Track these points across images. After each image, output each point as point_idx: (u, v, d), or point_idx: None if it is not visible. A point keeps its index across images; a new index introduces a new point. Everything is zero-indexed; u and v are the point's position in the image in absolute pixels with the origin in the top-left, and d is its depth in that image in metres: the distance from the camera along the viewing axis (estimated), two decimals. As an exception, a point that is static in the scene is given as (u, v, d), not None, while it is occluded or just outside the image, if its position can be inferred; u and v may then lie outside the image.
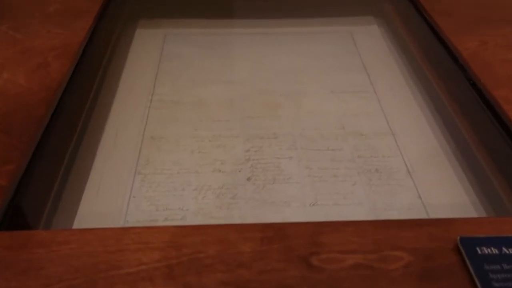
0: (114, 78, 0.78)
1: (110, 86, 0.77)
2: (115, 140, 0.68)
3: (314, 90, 0.80)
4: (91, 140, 0.66)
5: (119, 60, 0.82)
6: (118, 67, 0.81)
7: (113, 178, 0.62)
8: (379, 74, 0.83)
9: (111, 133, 0.69)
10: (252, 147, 0.68)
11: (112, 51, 0.81)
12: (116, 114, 0.73)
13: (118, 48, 0.84)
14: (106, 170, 0.63)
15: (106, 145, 0.67)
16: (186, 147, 0.68)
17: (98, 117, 0.71)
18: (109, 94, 0.75)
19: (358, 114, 0.74)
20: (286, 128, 0.71)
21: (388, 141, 0.69)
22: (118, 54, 0.83)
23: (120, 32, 0.88)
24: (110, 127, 0.70)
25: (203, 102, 0.76)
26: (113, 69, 0.80)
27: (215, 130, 0.71)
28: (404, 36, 0.91)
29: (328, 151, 0.67)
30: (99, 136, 0.68)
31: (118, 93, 0.77)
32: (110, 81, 0.77)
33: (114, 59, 0.81)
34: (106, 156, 0.65)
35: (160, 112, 0.74)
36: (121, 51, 0.85)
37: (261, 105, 0.76)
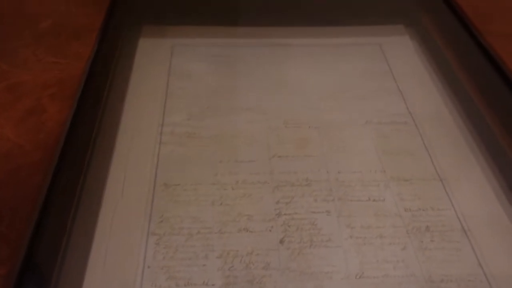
0: (117, 109, 0.68)
1: (113, 119, 0.66)
2: (122, 191, 0.58)
3: (346, 119, 0.70)
4: (93, 198, 0.57)
5: (122, 84, 0.71)
6: (120, 93, 0.70)
7: (121, 241, 0.53)
8: (416, 99, 0.74)
9: (116, 183, 0.59)
10: (282, 197, 0.59)
11: (114, 74, 0.70)
12: (121, 155, 0.62)
13: (120, 68, 0.73)
14: (113, 231, 0.54)
15: (111, 199, 0.57)
16: (206, 197, 0.58)
17: (100, 165, 0.60)
18: (113, 130, 0.65)
19: (399, 152, 0.65)
20: (320, 172, 0.62)
21: (436, 188, 0.61)
22: (121, 76, 0.72)
23: (122, 46, 0.76)
24: (116, 175, 0.60)
25: (222, 136, 0.66)
26: (116, 97, 0.69)
27: (239, 174, 0.61)
28: (442, 51, 0.81)
29: (370, 201, 0.59)
30: (102, 190, 0.58)
31: (121, 126, 0.66)
32: (112, 114, 0.67)
33: (116, 83, 0.70)
34: (111, 214, 0.56)
35: (173, 149, 0.64)
36: (124, 72, 0.73)
37: (289, 140, 0.66)
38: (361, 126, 0.69)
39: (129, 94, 0.71)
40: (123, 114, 0.68)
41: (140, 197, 0.58)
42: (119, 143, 0.64)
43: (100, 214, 0.55)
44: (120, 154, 0.62)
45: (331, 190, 0.60)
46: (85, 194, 0.57)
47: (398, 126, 0.69)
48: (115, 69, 0.70)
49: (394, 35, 0.88)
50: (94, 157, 0.61)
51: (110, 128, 0.65)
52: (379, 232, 0.55)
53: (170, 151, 0.64)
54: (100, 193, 0.57)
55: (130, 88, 0.72)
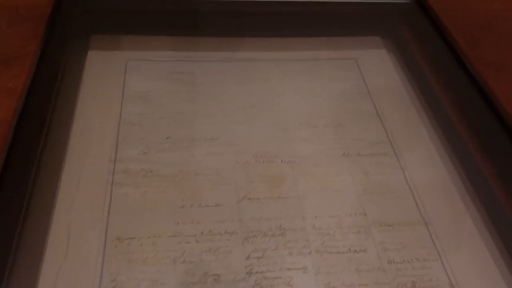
0: (60, 145, 0.58)
1: (55, 158, 0.57)
2: (65, 250, 0.49)
3: (322, 151, 0.63)
4: (31, 261, 0.48)
5: (66, 114, 0.62)
6: (65, 126, 0.60)
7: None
8: (396, 124, 0.68)
9: (59, 240, 0.50)
10: (254, 250, 0.52)
11: (56, 102, 0.60)
12: (65, 204, 0.53)
13: (64, 92, 0.63)
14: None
15: (52, 261, 0.48)
16: (167, 253, 0.51)
17: (39, 217, 0.51)
18: (54, 172, 0.56)
19: (380, 192, 0.59)
20: (295, 218, 0.55)
21: (422, 235, 0.56)
22: (65, 103, 0.62)
23: (67, 64, 0.66)
24: (58, 229, 0.51)
25: (183, 174, 0.58)
26: (59, 130, 0.59)
27: (204, 223, 0.54)
28: (421, 65, 0.75)
29: (351, 253, 0.53)
30: (41, 250, 0.49)
31: (66, 166, 0.57)
32: (54, 152, 0.57)
33: (58, 113, 0.60)
34: (53, 280, 0.47)
35: (127, 192, 0.55)
36: (69, 97, 0.63)
37: (260, 178, 0.59)
38: (339, 159, 0.63)
39: (75, 124, 0.61)
40: (67, 151, 0.58)
41: (88, 256, 0.49)
42: (63, 188, 0.55)
43: (39, 283, 0.47)
44: (63, 203, 0.53)
45: (307, 241, 0.53)
46: (20, 257, 0.48)
47: (378, 158, 0.63)
48: (57, 96, 0.60)
49: (371, 48, 0.81)
50: (32, 207, 0.52)
51: (52, 169, 0.55)
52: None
53: (123, 195, 0.55)
54: (39, 254, 0.49)
55: (77, 118, 0.62)
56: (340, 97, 0.72)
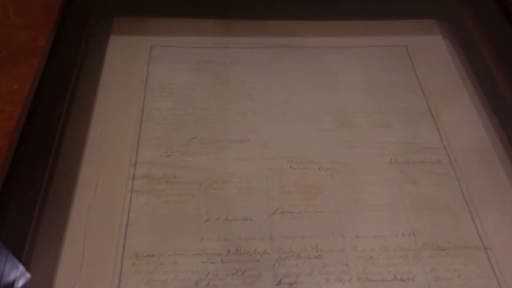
0: (76, 148, 0.53)
1: (71, 163, 0.52)
2: (80, 267, 0.45)
3: (366, 157, 0.56)
4: (44, 275, 0.44)
5: (84, 109, 0.56)
6: (82, 123, 0.55)
7: None
8: (452, 126, 0.60)
9: (74, 255, 0.46)
10: (286, 275, 0.46)
11: (74, 96, 0.54)
12: (80, 214, 0.49)
13: (83, 84, 0.58)
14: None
15: (66, 278, 0.44)
16: (189, 275, 0.46)
17: (52, 230, 0.47)
18: (70, 178, 0.51)
19: (432, 207, 0.52)
20: (333, 236, 0.49)
21: (480, 261, 0.48)
22: (83, 96, 0.57)
23: (86, 51, 0.60)
24: (73, 243, 0.47)
25: (210, 181, 0.53)
26: (75, 129, 0.54)
27: (231, 240, 0.48)
28: (484, 55, 0.66)
29: (396, 281, 0.46)
30: (53, 269, 0.45)
31: (83, 168, 0.52)
32: (71, 156, 0.53)
33: (76, 108, 0.55)
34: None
35: (148, 201, 0.50)
36: (88, 89, 0.58)
37: (295, 188, 0.53)
38: (385, 167, 0.55)
39: (94, 122, 0.56)
40: (84, 153, 0.53)
41: (104, 275, 0.45)
42: (78, 195, 0.50)
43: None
44: (79, 212, 0.49)
45: (347, 265, 0.47)
46: (33, 272, 0.44)
47: (430, 167, 0.55)
48: (74, 89, 0.55)
49: (424, 33, 0.72)
50: (44, 217, 0.48)
51: (67, 175, 0.51)
52: (408, 329, 0.43)
53: (143, 204, 0.50)
54: (52, 270, 0.45)
55: (95, 115, 0.57)
56: (387, 92, 0.63)
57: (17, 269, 0.44)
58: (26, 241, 0.45)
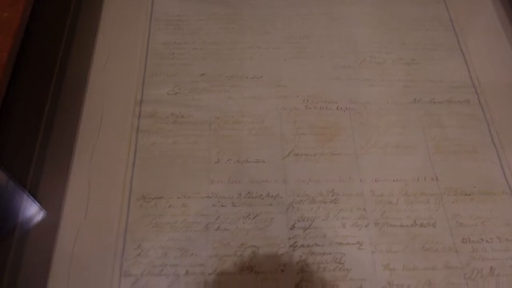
0: (78, 82, 0.50)
1: (73, 98, 0.49)
2: (85, 210, 0.43)
3: (387, 96, 0.52)
4: (48, 224, 0.42)
5: (84, 41, 0.53)
6: (83, 55, 0.52)
7: (85, 286, 0.40)
8: (485, 64, 0.55)
9: (79, 198, 0.44)
10: (299, 219, 0.44)
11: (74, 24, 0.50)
12: (84, 154, 0.46)
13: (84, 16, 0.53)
14: (73, 271, 0.40)
15: (71, 221, 0.43)
16: (198, 218, 0.44)
17: (55, 171, 0.45)
18: (73, 115, 0.48)
19: (458, 150, 0.49)
20: (351, 180, 0.46)
21: (507, 208, 0.45)
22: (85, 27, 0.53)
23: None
24: (77, 185, 0.45)
25: (220, 121, 0.49)
26: (77, 63, 0.51)
27: (242, 182, 0.46)
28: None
29: (416, 227, 0.44)
30: (58, 210, 0.43)
31: (85, 107, 0.49)
32: (71, 90, 0.49)
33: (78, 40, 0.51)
34: (71, 245, 0.42)
35: (155, 141, 0.48)
36: (88, 21, 0.54)
37: (311, 129, 0.49)
38: (407, 107, 0.51)
39: (96, 58, 0.52)
40: (87, 91, 0.50)
41: (110, 217, 0.43)
42: (81, 135, 0.47)
43: (56, 245, 0.42)
44: (82, 152, 0.46)
45: (365, 210, 0.45)
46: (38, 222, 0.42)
47: (457, 107, 0.51)
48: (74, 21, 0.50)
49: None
50: (50, 155, 0.45)
51: (68, 114, 0.48)
52: (427, 276, 0.41)
53: (150, 144, 0.48)
54: (57, 214, 0.43)
55: (97, 49, 0.53)
56: (414, 26, 0.58)
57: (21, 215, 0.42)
58: (27, 184, 0.43)
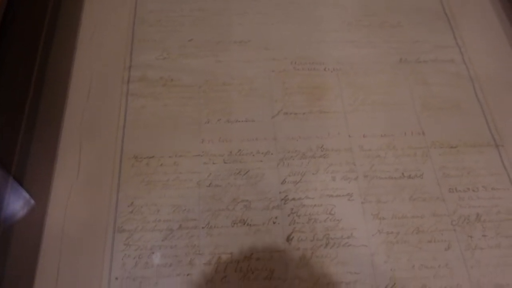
0: (66, 48, 0.50)
1: (62, 63, 0.49)
2: (77, 170, 0.44)
3: (374, 57, 0.53)
4: (39, 181, 0.42)
5: (72, 10, 0.53)
6: (72, 23, 0.52)
7: (79, 243, 0.40)
8: (469, 25, 0.56)
9: (70, 158, 0.44)
10: (290, 173, 0.45)
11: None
12: (74, 117, 0.47)
13: None
14: (68, 228, 0.41)
15: (63, 180, 0.43)
16: (190, 176, 0.44)
17: (46, 132, 0.45)
18: (62, 78, 0.48)
19: (443, 106, 0.50)
20: (340, 136, 0.47)
21: (492, 158, 0.47)
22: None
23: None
24: (68, 146, 0.45)
25: (209, 84, 0.50)
26: (65, 28, 0.51)
27: (233, 141, 0.46)
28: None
29: (404, 179, 0.45)
30: (50, 169, 0.43)
31: (74, 72, 0.49)
32: (60, 56, 0.50)
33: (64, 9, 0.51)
34: (64, 202, 0.42)
35: (144, 104, 0.48)
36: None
37: (299, 89, 0.50)
38: (394, 67, 0.52)
39: (84, 26, 0.52)
40: (75, 57, 0.50)
41: (102, 177, 0.44)
42: (71, 99, 0.48)
43: (49, 206, 0.42)
44: (72, 115, 0.47)
45: (354, 164, 0.45)
46: (28, 176, 0.43)
47: (442, 65, 0.52)
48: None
49: None
50: (39, 119, 0.46)
51: (58, 78, 0.48)
52: (415, 224, 0.42)
53: (140, 107, 0.48)
54: (48, 175, 0.43)
55: (84, 17, 0.53)
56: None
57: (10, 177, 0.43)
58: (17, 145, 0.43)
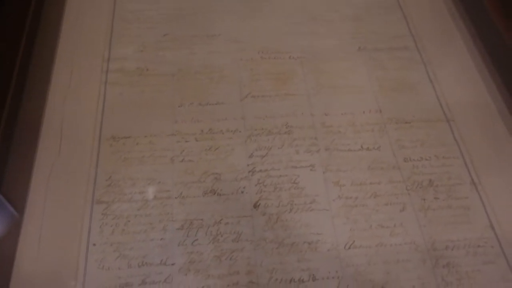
0: (49, 42, 0.54)
1: (45, 55, 0.53)
2: (58, 149, 0.47)
3: (334, 46, 0.57)
4: (23, 159, 0.46)
5: (55, 8, 0.57)
6: (54, 20, 0.56)
7: (60, 213, 0.43)
8: (421, 16, 0.61)
9: (52, 139, 0.48)
10: (257, 148, 0.48)
11: None
12: (56, 102, 0.50)
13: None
14: (49, 201, 0.44)
15: (45, 159, 0.46)
16: (164, 153, 0.48)
17: (30, 116, 0.49)
18: (45, 69, 0.52)
19: (398, 87, 0.54)
20: (303, 115, 0.51)
21: (443, 131, 0.51)
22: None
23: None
24: (50, 128, 0.48)
25: (183, 73, 0.54)
26: (48, 25, 0.55)
27: (204, 121, 0.50)
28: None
29: (363, 151, 0.49)
30: (33, 148, 0.47)
31: (56, 64, 0.53)
32: (44, 49, 0.54)
33: (48, 6, 0.56)
34: (46, 179, 0.45)
35: (122, 92, 0.52)
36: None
37: (266, 75, 0.54)
38: (353, 54, 0.57)
39: (65, 21, 0.57)
40: (58, 47, 0.54)
41: (82, 155, 0.47)
42: (53, 87, 0.51)
43: (32, 178, 0.45)
44: (55, 98, 0.50)
45: (316, 139, 0.49)
46: (13, 156, 0.46)
47: (397, 52, 0.57)
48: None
49: None
50: (23, 105, 0.49)
51: (42, 67, 0.52)
52: (373, 189, 0.46)
53: (118, 94, 0.52)
54: (32, 151, 0.46)
55: (66, 14, 0.57)
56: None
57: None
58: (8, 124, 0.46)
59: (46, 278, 0.40)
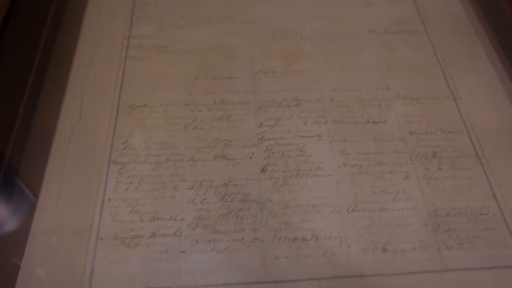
0: (74, 20, 0.58)
1: (71, 32, 0.57)
2: (79, 114, 0.50)
3: (345, 29, 0.59)
4: (46, 123, 0.49)
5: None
6: (79, 3, 0.60)
7: (78, 172, 0.46)
8: (431, 1, 0.62)
9: (73, 104, 0.51)
10: (267, 119, 0.50)
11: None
12: (79, 72, 0.53)
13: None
14: (69, 160, 0.46)
15: (67, 123, 0.49)
16: (178, 120, 0.50)
17: (55, 82, 0.52)
18: (70, 43, 0.56)
19: (406, 67, 0.55)
20: (312, 90, 0.53)
21: (449, 108, 0.52)
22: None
23: None
24: (73, 95, 0.51)
25: (198, 50, 0.57)
26: (73, 7, 0.59)
27: (217, 93, 0.52)
28: None
29: (369, 124, 0.50)
30: (56, 113, 0.50)
31: (80, 39, 0.56)
32: (69, 26, 0.57)
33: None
34: (67, 140, 0.48)
35: (141, 66, 0.55)
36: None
37: (277, 54, 0.56)
38: (363, 36, 0.58)
39: (90, 3, 0.60)
40: (82, 25, 0.58)
41: (101, 120, 0.50)
42: (77, 58, 0.54)
43: (54, 140, 0.48)
44: (78, 71, 0.53)
45: (324, 111, 0.51)
46: (38, 120, 0.49)
47: (406, 35, 0.59)
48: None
49: None
50: (48, 74, 0.52)
51: (67, 41, 0.55)
52: (378, 158, 0.47)
53: (137, 67, 0.54)
54: (55, 116, 0.49)
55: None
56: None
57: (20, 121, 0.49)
58: (22, 103, 0.49)
59: (64, 230, 0.42)
